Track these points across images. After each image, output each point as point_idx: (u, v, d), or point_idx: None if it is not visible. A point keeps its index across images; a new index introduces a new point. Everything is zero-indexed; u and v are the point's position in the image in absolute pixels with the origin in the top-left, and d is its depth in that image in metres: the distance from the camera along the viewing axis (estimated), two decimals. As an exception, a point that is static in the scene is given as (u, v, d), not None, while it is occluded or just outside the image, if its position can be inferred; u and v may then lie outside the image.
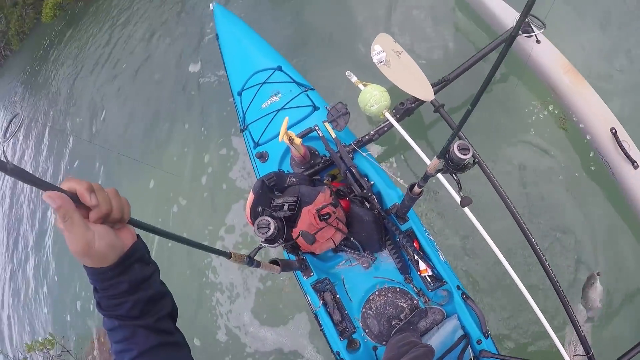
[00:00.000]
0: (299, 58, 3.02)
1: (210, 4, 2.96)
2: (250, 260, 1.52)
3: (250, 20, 3.33)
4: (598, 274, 2.09)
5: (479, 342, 2.14)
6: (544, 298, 2.32)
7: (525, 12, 0.86)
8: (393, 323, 2.19)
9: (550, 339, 1.87)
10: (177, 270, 3.20)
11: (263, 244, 1.64)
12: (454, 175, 1.70)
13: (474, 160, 1.59)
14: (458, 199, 1.78)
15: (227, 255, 1.33)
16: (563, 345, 2.13)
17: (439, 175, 1.78)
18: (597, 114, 2.43)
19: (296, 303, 2.61)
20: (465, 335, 2.16)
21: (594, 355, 2.06)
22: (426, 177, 1.73)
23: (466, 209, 1.83)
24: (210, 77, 3.79)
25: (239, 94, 2.62)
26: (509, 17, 2.52)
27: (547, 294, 2.32)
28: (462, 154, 1.50)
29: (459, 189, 1.79)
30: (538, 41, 2.47)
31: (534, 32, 2.44)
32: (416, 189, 1.78)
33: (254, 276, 2.71)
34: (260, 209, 1.80)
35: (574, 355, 2.18)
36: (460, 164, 1.57)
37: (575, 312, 2.21)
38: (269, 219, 1.62)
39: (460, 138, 2.19)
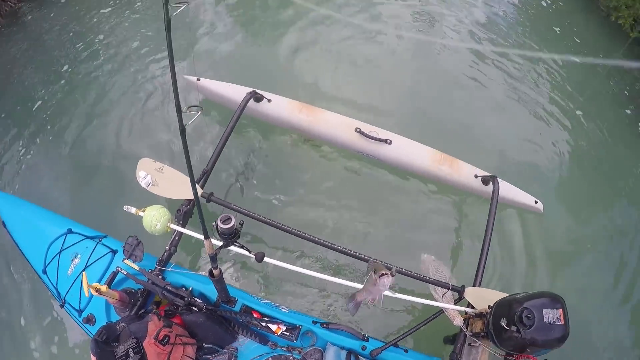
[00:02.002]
0: (85, 212, 3.11)
1: None
2: None
3: (29, 193, 3.30)
4: (393, 274, 1.57)
5: (363, 348, 2.34)
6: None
7: (178, 110, 1.23)
8: (288, 389, 2.25)
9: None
10: None
11: None
12: (235, 244, 1.94)
13: (241, 223, 1.83)
14: (253, 258, 2.04)
15: None
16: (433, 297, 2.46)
17: (232, 247, 1.97)
18: (340, 126, 3.06)
19: None
20: (350, 351, 2.35)
21: (453, 285, 2.43)
22: (213, 259, 1.93)
23: (267, 259, 2.08)
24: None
25: (44, 272, 2.57)
26: (241, 94, 3.04)
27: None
28: (226, 224, 1.73)
29: (248, 251, 2.04)
30: (269, 100, 3.04)
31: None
32: (215, 272, 1.97)
33: None
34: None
35: (442, 296, 2.53)
36: (232, 232, 1.81)
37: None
38: None
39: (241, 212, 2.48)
